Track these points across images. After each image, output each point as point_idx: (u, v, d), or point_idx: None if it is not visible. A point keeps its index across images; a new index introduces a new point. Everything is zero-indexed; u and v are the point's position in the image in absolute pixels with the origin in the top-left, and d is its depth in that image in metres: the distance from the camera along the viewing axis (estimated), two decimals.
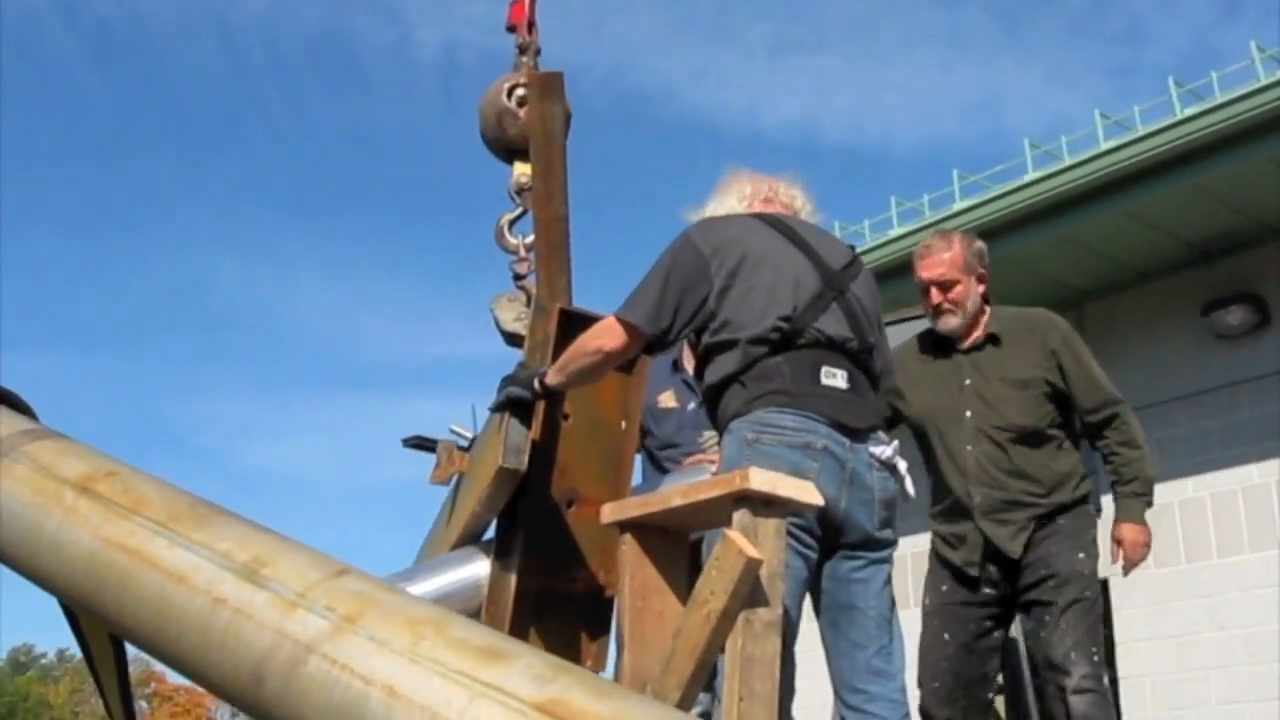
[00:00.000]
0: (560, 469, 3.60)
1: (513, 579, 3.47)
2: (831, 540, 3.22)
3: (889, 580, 3.31)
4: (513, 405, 3.37)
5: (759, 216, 3.47)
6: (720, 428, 3.28)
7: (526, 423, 3.40)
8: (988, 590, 4.36)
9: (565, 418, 3.63)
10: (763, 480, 2.67)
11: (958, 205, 9.21)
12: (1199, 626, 8.55)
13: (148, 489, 2.32)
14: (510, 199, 4.08)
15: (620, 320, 3.25)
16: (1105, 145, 8.56)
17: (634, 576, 2.88)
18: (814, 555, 3.19)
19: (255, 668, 2.02)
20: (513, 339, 3.78)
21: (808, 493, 2.74)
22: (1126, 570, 4.34)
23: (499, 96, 4.02)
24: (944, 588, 4.43)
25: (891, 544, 3.32)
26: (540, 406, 3.48)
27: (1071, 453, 4.39)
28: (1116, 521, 4.37)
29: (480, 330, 3.98)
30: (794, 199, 3.59)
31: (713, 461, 3.85)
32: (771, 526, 2.69)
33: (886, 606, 3.28)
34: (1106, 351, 9.47)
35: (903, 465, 3.31)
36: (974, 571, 4.35)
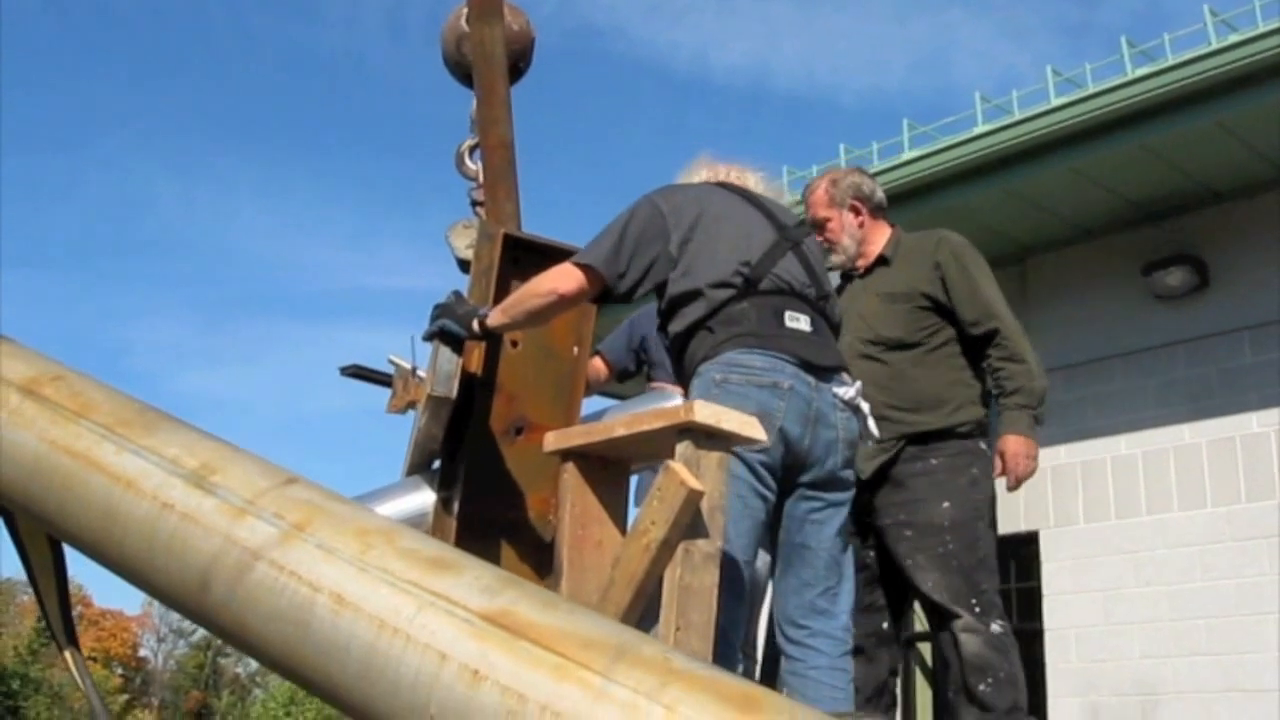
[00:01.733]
0: (508, 396, 3.63)
1: (455, 506, 3.51)
2: (793, 478, 3.30)
3: (845, 524, 3.41)
4: (445, 337, 3.40)
5: (715, 183, 3.62)
6: (688, 375, 3.35)
7: (458, 350, 3.42)
8: (868, 519, 4.29)
9: (514, 345, 3.66)
10: (707, 413, 2.72)
11: (906, 155, 9.26)
12: (1125, 581, 8.74)
13: (95, 394, 2.33)
14: (470, 123, 4.09)
15: (576, 264, 3.31)
16: (1055, 101, 8.64)
17: (574, 505, 2.93)
18: (773, 496, 3.27)
19: (202, 573, 2.05)
20: (466, 266, 3.81)
21: (751, 427, 2.80)
22: (1011, 485, 4.19)
23: (458, 21, 4.01)
24: None
25: (851, 485, 3.42)
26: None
27: (954, 372, 4.30)
28: (999, 434, 4.23)
29: (422, 261, 4.07)
30: (751, 180, 3.72)
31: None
32: (714, 459, 2.74)
33: (839, 549, 3.38)
34: (1048, 307, 9.62)
35: (865, 405, 3.40)
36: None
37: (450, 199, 4.24)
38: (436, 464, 3.71)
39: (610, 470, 2.97)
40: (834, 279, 4.62)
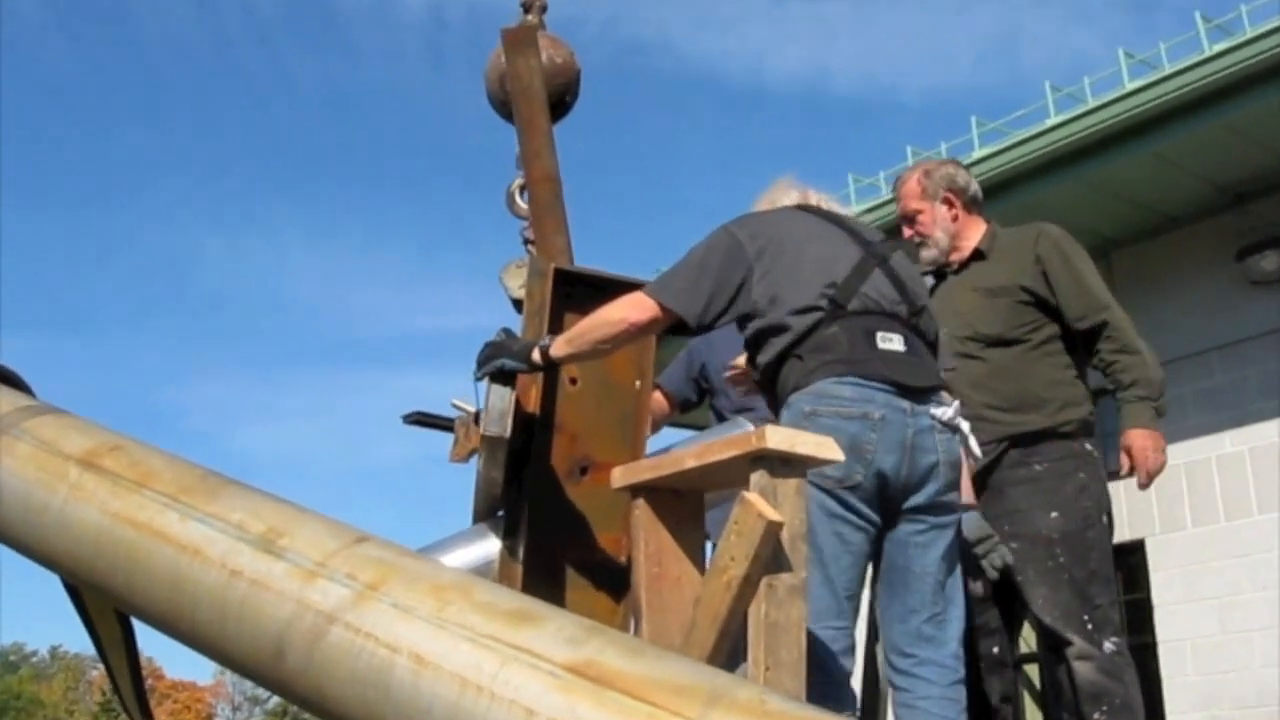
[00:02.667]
0: (570, 436, 3.68)
1: (520, 552, 3.55)
2: (894, 507, 3.32)
3: (952, 546, 3.41)
4: (501, 376, 3.45)
5: (794, 206, 3.67)
6: (780, 404, 3.39)
7: (511, 384, 3.47)
8: None
9: (573, 382, 3.71)
10: (780, 438, 2.72)
11: (977, 153, 9.26)
12: (1240, 587, 8.64)
13: (155, 462, 2.39)
14: (517, 164, 4.17)
15: (650, 295, 3.37)
16: (1130, 86, 8.61)
17: (648, 542, 2.94)
18: (874, 528, 3.29)
19: (276, 640, 2.09)
20: (521, 306, 3.87)
21: (827, 448, 2.80)
22: (1143, 483, 4.18)
23: (499, 58, 4.10)
24: None
25: (957, 508, 3.44)
26: (540, 373, 3.57)
27: (1057, 370, 4.27)
28: (1121, 430, 4.21)
29: (481, 298, 4.12)
30: (824, 200, 3.77)
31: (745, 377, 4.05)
32: (791, 486, 2.74)
33: (944, 572, 3.37)
34: (1136, 302, 9.53)
35: (965, 425, 3.41)
36: None
37: (506, 234, 4.28)
38: (501, 511, 3.76)
39: (683, 504, 2.99)
40: (927, 282, 4.64)
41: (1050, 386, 4.24)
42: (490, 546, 3.66)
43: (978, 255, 4.46)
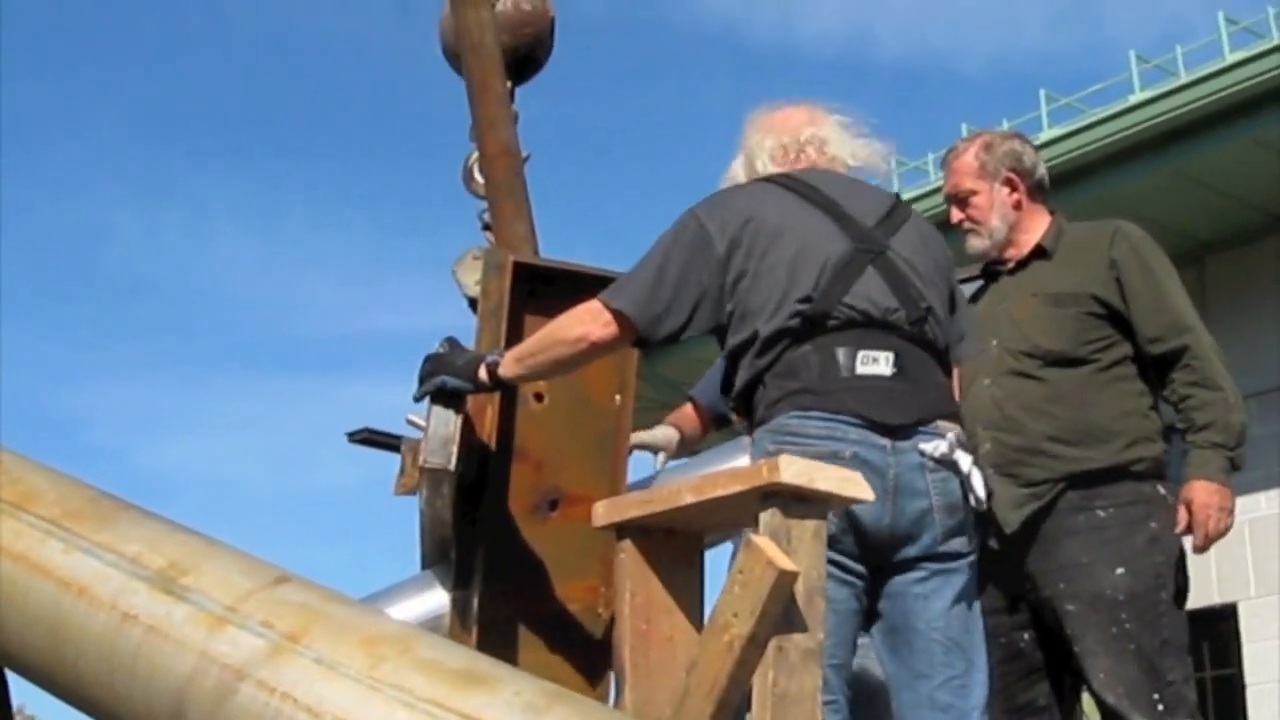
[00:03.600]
0: (534, 464, 3.68)
1: (474, 609, 3.54)
2: (882, 559, 3.29)
3: (964, 595, 3.38)
4: (444, 396, 3.43)
5: (771, 180, 3.56)
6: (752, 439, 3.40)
7: (457, 408, 3.46)
8: (1020, 591, 4.20)
9: (538, 399, 3.71)
10: (795, 471, 2.70)
11: (1045, 134, 9.29)
12: None
13: (37, 480, 2.39)
14: (471, 135, 4.16)
15: (606, 306, 3.34)
16: (1231, 58, 8.64)
17: (635, 594, 2.92)
18: (861, 581, 3.27)
19: (175, 699, 2.09)
20: (477, 306, 3.86)
21: (853, 485, 2.79)
22: (1199, 545, 4.08)
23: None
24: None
25: (965, 552, 3.40)
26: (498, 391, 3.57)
27: (1129, 398, 4.23)
28: (1185, 479, 4.10)
29: (443, 294, 4.05)
30: (826, 141, 3.68)
31: None
32: (808, 529, 2.73)
33: (958, 628, 3.34)
34: (1231, 318, 9.53)
35: (965, 461, 3.37)
36: (993, 544, 4.11)
37: (471, 216, 4.24)
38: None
39: (678, 547, 2.98)
40: (966, 290, 4.62)
41: (1120, 418, 4.19)
42: (441, 598, 3.66)
43: (1040, 253, 4.40)
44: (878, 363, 3.33)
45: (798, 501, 2.73)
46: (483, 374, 3.39)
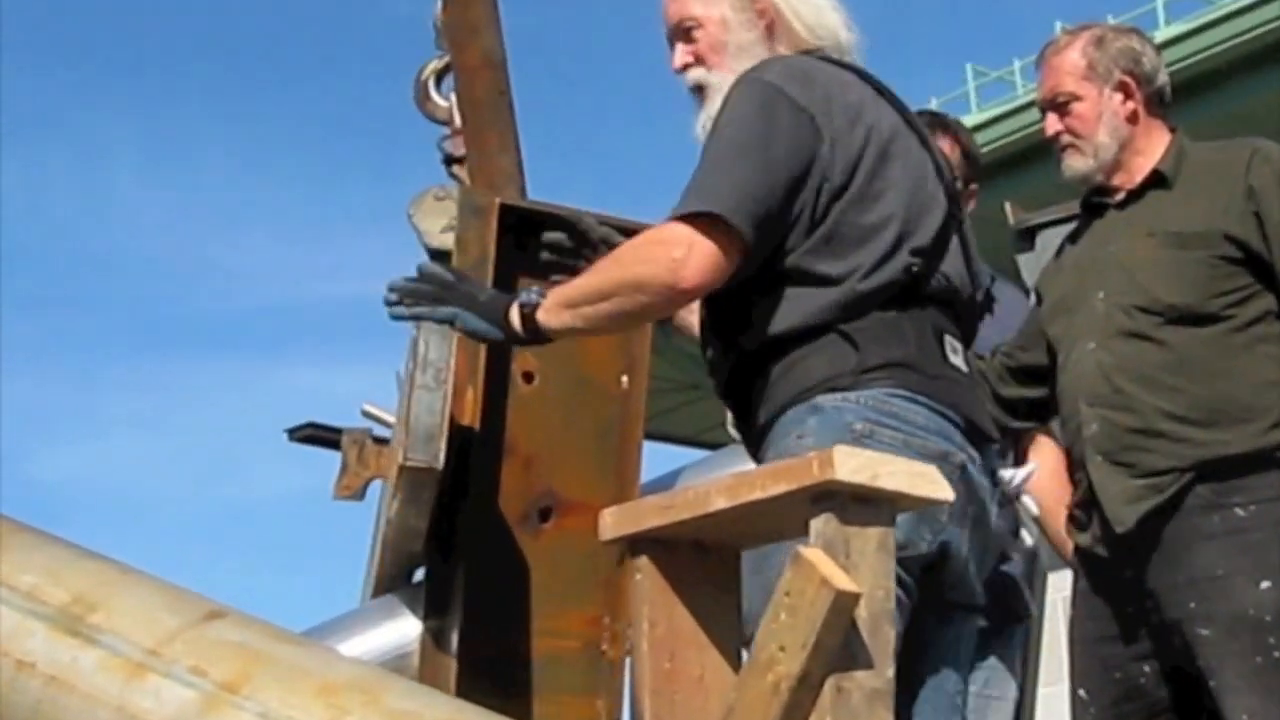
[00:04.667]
0: (523, 461, 3.68)
1: (453, 642, 3.54)
2: (928, 594, 3.30)
3: (969, 649, 3.46)
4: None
5: (847, 67, 3.46)
6: (776, 408, 3.30)
7: (437, 394, 3.44)
8: (1140, 611, 4.17)
9: (528, 378, 3.69)
10: (855, 465, 2.68)
11: (1162, 33, 9.25)
12: None
13: None
14: (436, 36, 4.14)
15: (709, 218, 3.15)
16: None
17: (655, 624, 2.91)
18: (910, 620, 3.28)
19: None
20: (446, 259, 3.83)
21: (928, 481, 2.77)
22: None
23: None
24: (1080, 610, 4.35)
25: (980, 603, 3.44)
26: (480, 364, 3.53)
27: (1274, 366, 4.19)
28: None
29: (400, 254, 4.01)
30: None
31: None
32: (872, 539, 2.71)
33: (959, 689, 3.40)
34: None
35: (1032, 507, 3.37)
36: (1103, 552, 4.17)
37: (427, 156, 4.18)
38: (420, 574, 3.74)
39: (709, 564, 2.96)
40: (1061, 232, 4.59)
41: (1263, 390, 4.16)
42: (406, 629, 3.67)
43: (1157, 180, 4.38)
44: (958, 354, 3.33)
45: (858, 504, 2.71)
46: (514, 318, 3.20)
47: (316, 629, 3.72)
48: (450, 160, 4.06)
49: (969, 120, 9.57)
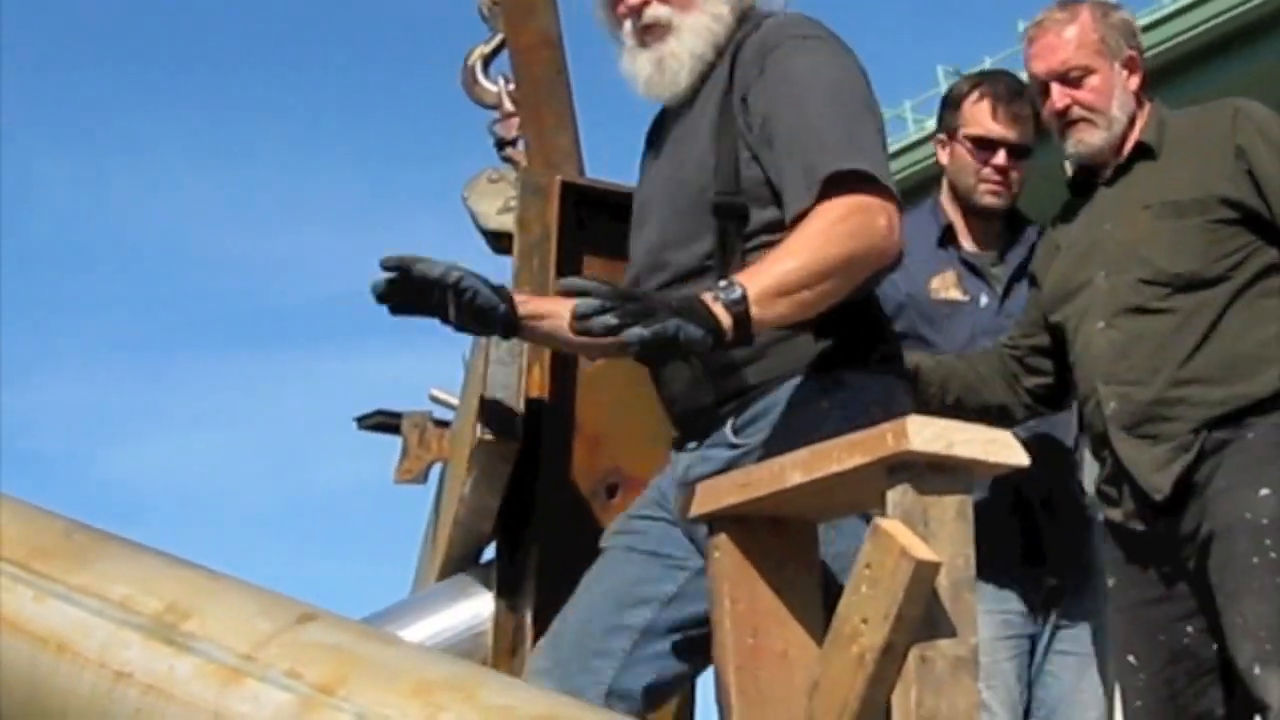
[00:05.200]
0: (591, 440, 3.71)
1: (527, 621, 3.57)
2: None
3: None
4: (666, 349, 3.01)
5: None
6: (775, 374, 3.33)
7: (511, 368, 3.45)
8: (1177, 567, 4.18)
9: (590, 357, 3.70)
10: (930, 435, 2.69)
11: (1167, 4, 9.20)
12: None
13: None
14: (482, 20, 4.14)
15: (870, 180, 3.18)
16: None
17: (737, 600, 2.94)
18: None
19: None
20: (499, 241, 3.84)
21: (1003, 447, 2.77)
22: None
23: None
24: (1118, 579, 4.33)
25: None
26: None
27: (1274, 319, 4.20)
28: None
29: (456, 236, 4.00)
30: None
31: None
32: (950, 507, 2.72)
33: None
34: None
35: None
36: (1138, 526, 4.19)
37: (480, 137, 4.15)
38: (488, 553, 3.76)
39: (788, 539, 3.00)
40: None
41: (1272, 342, 4.19)
42: (478, 608, 3.67)
43: (1143, 152, 4.38)
44: None
45: (934, 473, 2.72)
46: (723, 316, 3.01)
47: (389, 611, 3.75)
48: (501, 143, 4.07)
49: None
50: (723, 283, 3.04)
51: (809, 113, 3.23)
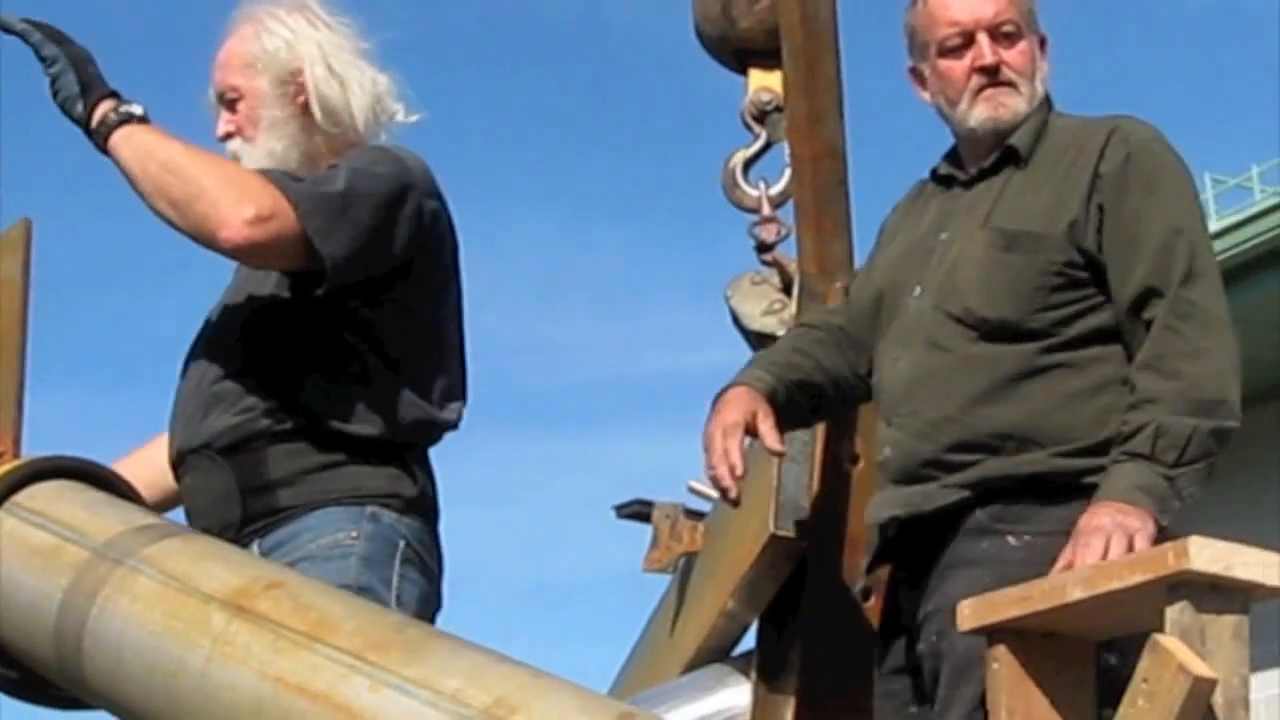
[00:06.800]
0: (853, 542, 3.75)
1: (789, 710, 3.63)
2: None
3: None
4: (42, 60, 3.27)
5: None
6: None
7: (804, 467, 3.53)
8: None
9: (854, 461, 3.78)
10: (1211, 555, 2.73)
11: None
12: None
13: (331, 605, 2.49)
14: (745, 127, 4.23)
15: (297, 217, 3.33)
16: None
17: (1012, 712, 2.97)
18: None
19: None
20: (764, 342, 3.90)
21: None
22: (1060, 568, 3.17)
23: None
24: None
25: None
26: (819, 446, 3.62)
27: (1108, 389, 3.45)
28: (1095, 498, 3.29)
29: (718, 329, 4.06)
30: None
31: None
32: (1227, 627, 2.77)
33: None
34: None
35: None
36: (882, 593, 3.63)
37: (738, 235, 4.13)
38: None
39: (1065, 654, 3.02)
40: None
41: (1059, 410, 3.46)
42: (735, 698, 3.74)
43: (1010, 157, 3.65)
44: None
45: (1213, 593, 2.76)
46: (101, 112, 3.26)
47: (653, 695, 3.81)
48: (761, 246, 4.13)
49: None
50: (138, 105, 3.24)
51: None
